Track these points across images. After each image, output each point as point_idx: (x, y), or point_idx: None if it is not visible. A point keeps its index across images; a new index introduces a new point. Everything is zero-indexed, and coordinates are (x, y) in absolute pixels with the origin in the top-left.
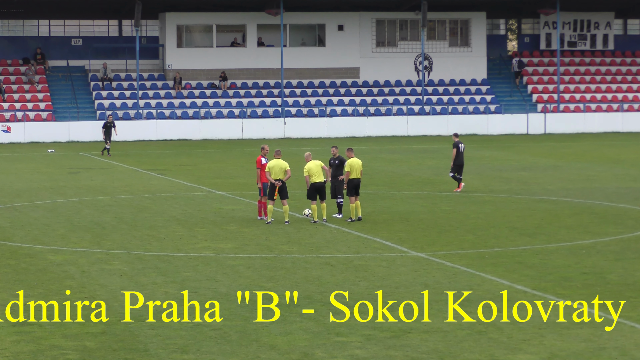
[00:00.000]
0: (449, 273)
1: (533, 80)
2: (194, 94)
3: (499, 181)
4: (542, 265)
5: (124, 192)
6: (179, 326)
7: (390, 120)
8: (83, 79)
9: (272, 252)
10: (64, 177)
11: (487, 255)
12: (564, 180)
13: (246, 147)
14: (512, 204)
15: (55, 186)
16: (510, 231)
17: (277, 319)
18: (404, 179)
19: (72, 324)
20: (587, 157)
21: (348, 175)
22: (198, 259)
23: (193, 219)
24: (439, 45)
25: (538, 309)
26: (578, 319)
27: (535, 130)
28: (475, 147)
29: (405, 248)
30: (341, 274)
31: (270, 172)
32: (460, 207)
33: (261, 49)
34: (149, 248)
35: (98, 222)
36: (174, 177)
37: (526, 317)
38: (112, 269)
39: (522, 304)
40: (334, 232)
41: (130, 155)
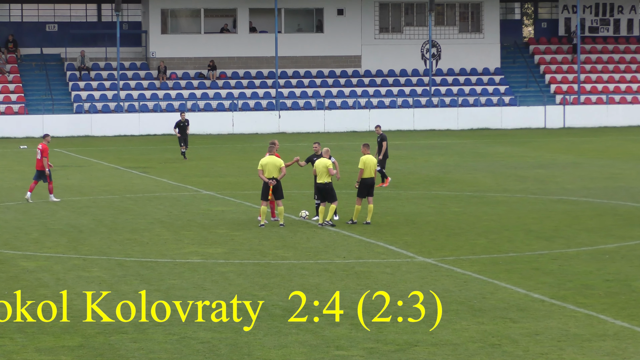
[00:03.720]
0: (459, 280)
1: (551, 70)
2: (180, 85)
3: (513, 180)
4: (561, 272)
5: (104, 192)
6: (164, 339)
7: (394, 113)
8: (58, 69)
9: (266, 257)
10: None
11: (500, 260)
12: (585, 178)
13: (237, 142)
14: (528, 204)
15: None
16: (526, 234)
17: (271, 330)
18: (410, 178)
19: (46, 337)
20: (610, 154)
21: (361, 174)
22: (184, 265)
23: (179, 221)
24: (448, 31)
25: (557, 319)
26: (600, 330)
27: (553, 124)
28: (488, 142)
29: (411, 253)
30: (341, 281)
31: (263, 170)
32: (471, 208)
33: (253, 35)
34: (130, 253)
35: (75, 225)
36: (158, 175)
37: (543, 329)
38: (91, 276)
39: (539, 313)
40: (334, 236)
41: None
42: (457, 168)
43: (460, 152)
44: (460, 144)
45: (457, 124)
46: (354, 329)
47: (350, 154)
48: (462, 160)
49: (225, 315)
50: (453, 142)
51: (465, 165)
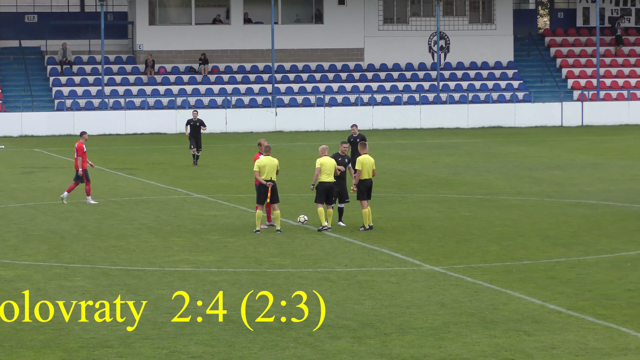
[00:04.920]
0: (469, 290)
1: (568, 63)
2: (169, 80)
3: (528, 182)
4: (579, 281)
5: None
6: (152, 353)
7: (400, 110)
8: (38, 63)
9: (262, 265)
10: (15, 178)
11: (514, 269)
12: (605, 180)
13: (230, 141)
14: (543, 208)
15: (6, 189)
16: (542, 241)
17: (267, 344)
18: (417, 180)
19: (26, 351)
20: (632, 153)
21: (359, 175)
22: (174, 274)
23: (168, 227)
24: (458, 22)
25: (574, 332)
26: (622, 344)
27: (570, 122)
28: (501, 141)
29: (418, 261)
30: (342, 291)
31: (260, 172)
32: (482, 212)
33: (248, 26)
34: (116, 261)
35: (56, 230)
36: (146, 177)
37: (560, 342)
38: (73, 286)
39: (555, 326)
40: (334, 242)
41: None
42: (467, 169)
43: (471, 152)
44: (471, 144)
45: (467, 122)
46: (357, 343)
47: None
48: (473, 160)
49: (218, 328)
50: (463, 141)
51: (476, 166)
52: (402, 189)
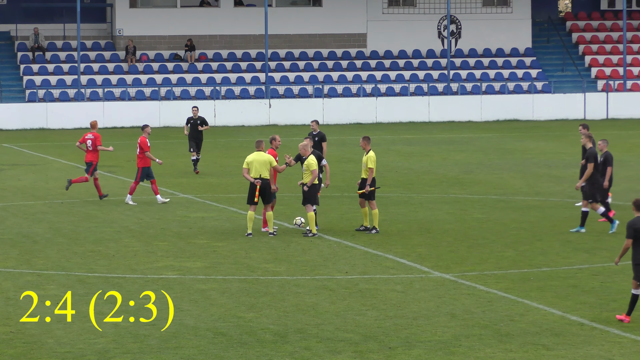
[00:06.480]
0: (482, 300)
1: (592, 50)
2: (152, 68)
3: (547, 181)
4: (603, 290)
5: (62, 195)
6: None
7: (406, 101)
8: (8, 49)
9: (254, 272)
10: None
11: (532, 276)
12: (632, 179)
13: (220, 136)
14: (564, 210)
15: None
16: (562, 246)
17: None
18: (425, 178)
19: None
20: None
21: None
22: (158, 282)
23: (151, 230)
24: (470, 5)
25: (598, 346)
26: None
27: (594, 115)
28: (517, 136)
29: (426, 267)
30: (343, 300)
31: (249, 169)
32: (496, 214)
33: (239, 9)
34: (94, 268)
35: (28, 234)
36: (127, 176)
37: (583, 357)
38: (47, 295)
39: (577, 339)
40: (334, 247)
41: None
42: (480, 167)
43: (484, 148)
44: (484, 139)
45: (481, 115)
46: (358, 357)
47: (354, 151)
48: (486, 157)
49: (206, 341)
50: (475, 136)
51: (489, 164)
52: (408, 189)
